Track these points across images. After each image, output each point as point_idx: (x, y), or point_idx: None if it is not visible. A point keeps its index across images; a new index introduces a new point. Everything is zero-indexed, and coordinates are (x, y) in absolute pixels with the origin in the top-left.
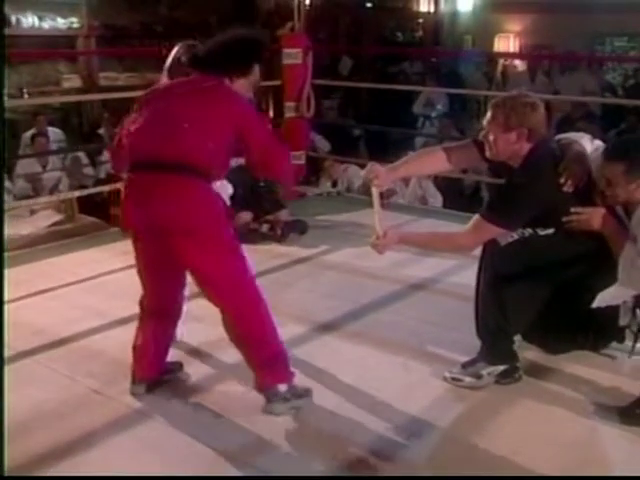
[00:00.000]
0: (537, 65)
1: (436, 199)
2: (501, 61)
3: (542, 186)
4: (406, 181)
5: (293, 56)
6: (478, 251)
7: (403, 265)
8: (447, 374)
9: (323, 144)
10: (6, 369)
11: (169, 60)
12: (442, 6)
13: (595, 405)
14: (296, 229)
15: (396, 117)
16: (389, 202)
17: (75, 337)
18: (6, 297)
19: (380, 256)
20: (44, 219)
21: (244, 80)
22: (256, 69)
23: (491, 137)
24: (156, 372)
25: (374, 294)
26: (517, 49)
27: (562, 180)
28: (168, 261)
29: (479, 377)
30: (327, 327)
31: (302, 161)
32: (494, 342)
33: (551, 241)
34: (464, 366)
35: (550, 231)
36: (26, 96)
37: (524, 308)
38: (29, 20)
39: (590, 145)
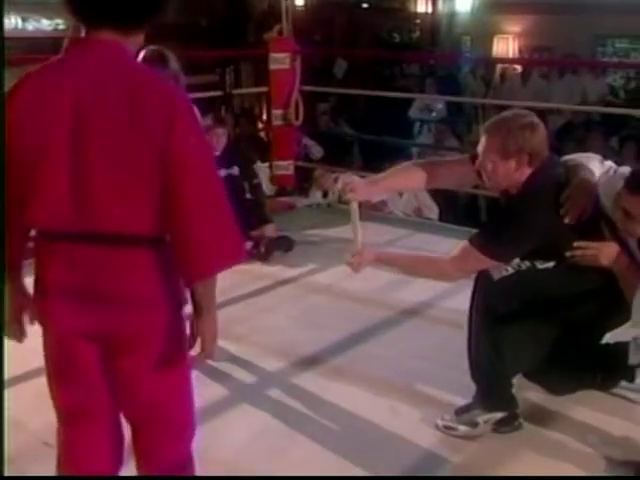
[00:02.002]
0: (532, 68)
1: (432, 210)
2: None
3: (542, 217)
4: (400, 192)
5: (280, 61)
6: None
7: (395, 287)
8: (439, 421)
9: (316, 150)
10: None
11: None
12: (440, 7)
13: (606, 459)
14: (281, 246)
15: (392, 121)
16: (381, 214)
17: None
18: None
19: (371, 277)
20: None
21: (140, 37)
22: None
23: (489, 166)
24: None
25: (362, 322)
26: (516, 51)
27: (563, 211)
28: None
29: (475, 425)
30: (309, 361)
31: (290, 171)
32: (490, 387)
33: (551, 275)
34: (458, 413)
35: (550, 264)
36: None
37: (522, 349)
38: (12, 21)
39: (600, 168)
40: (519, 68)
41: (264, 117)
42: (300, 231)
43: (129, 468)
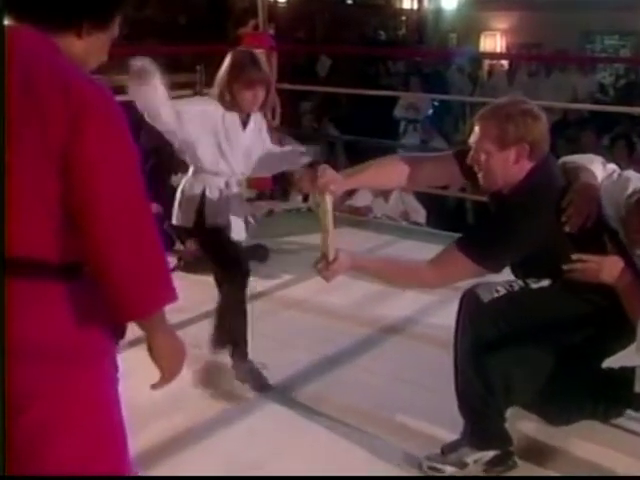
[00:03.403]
0: (518, 65)
1: (419, 214)
2: (487, 60)
3: (539, 221)
4: (386, 195)
5: None
6: (465, 284)
7: (376, 300)
8: (424, 462)
9: None
10: None
11: None
12: (426, 3)
13: None
14: (255, 256)
15: (377, 120)
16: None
17: None
18: None
19: (350, 289)
20: None
21: (103, 36)
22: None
23: (483, 158)
24: None
25: (340, 341)
26: (504, 48)
27: (564, 218)
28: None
29: (463, 466)
30: (280, 389)
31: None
32: (479, 422)
33: (547, 297)
34: (445, 451)
35: (545, 283)
36: None
37: (514, 380)
38: None
39: (602, 171)
40: (506, 65)
41: None
42: (277, 238)
43: None
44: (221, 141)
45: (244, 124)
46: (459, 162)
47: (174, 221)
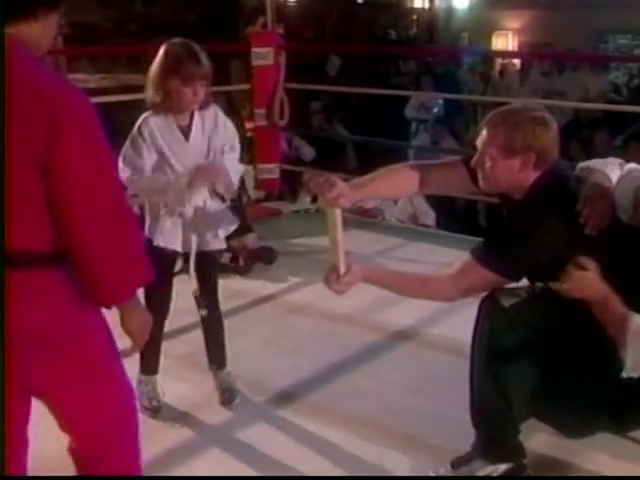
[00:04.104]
0: (531, 65)
1: (428, 216)
2: (499, 60)
3: (555, 227)
4: None
5: (263, 56)
6: None
7: (384, 306)
8: (433, 474)
9: (308, 151)
10: None
11: None
12: (437, 2)
13: None
14: (263, 258)
15: (388, 120)
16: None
17: None
18: None
19: (358, 295)
20: None
21: (55, 17)
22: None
23: (487, 164)
24: None
25: (346, 347)
26: (515, 47)
27: (583, 219)
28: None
29: None
30: (285, 397)
31: (275, 175)
32: (493, 434)
33: (567, 301)
34: (455, 465)
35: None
36: None
37: (533, 392)
38: None
39: (619, 171)
40: (518, 65)
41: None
42: (284, 240)
43: None
44: (168, 156)
45: (186, 130)
46: (468, 169)
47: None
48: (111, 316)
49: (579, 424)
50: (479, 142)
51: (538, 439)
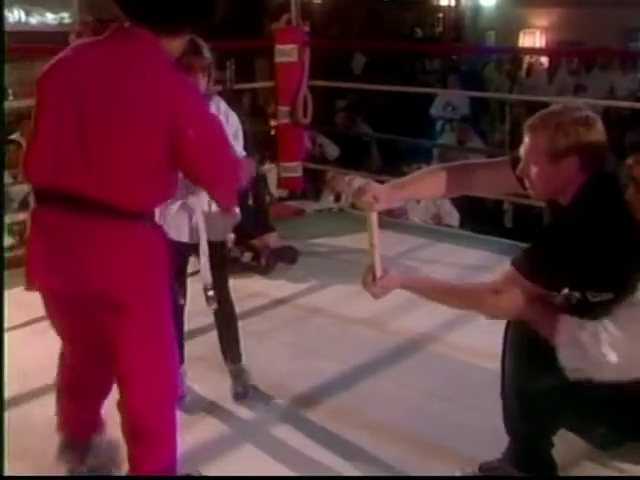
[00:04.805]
0: (559, 63)
1: (452, 217)
2: (526, 58)
3: (603, 234)
4: None
5: (287, 53)
6: None
7: (405, 309)
8: (459, 473)
9: (332, 149)
10: None
11: None
12: (464, 0)
13: None
14: (284, 258)
15: (413, 119)
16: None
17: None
18: None
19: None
20: None
21: (180, 42)
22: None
23: (533, 171)
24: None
25: (368, 351)
26: (543, 46)
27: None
28: (90, 337)
29: None
30: (305, 400)
31: (298, 173)
32: (523, 443)
33: (608, 312)
34: (484, 468)
35: (606, 297)
36: (11, 97)
37: (564, 402)
38: (15, 15)
39: None
40: (545, 63)
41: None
42: (307, 240)
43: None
44: None
45: None
46: (515, 170)
47: None
48: None
49: (610, 434)
50: (522, 150)
51: (567, 448)
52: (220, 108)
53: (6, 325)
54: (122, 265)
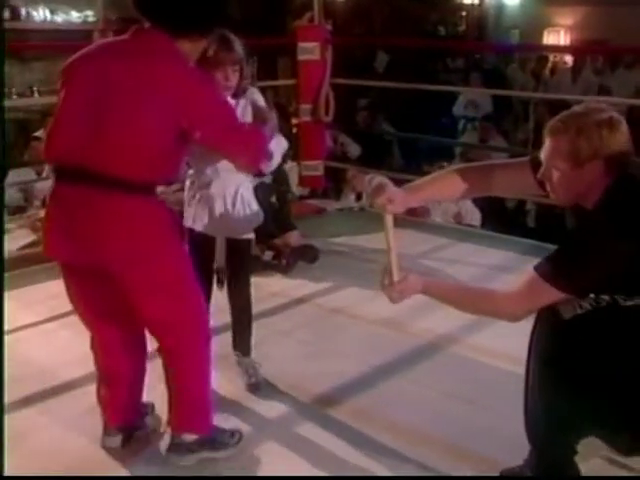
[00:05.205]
0: (583, 62)
1: (474, 217)
2: (551, 57)
3: (629, 239)
4: None
5: (309, 51)
6: None
7: (426, 310)
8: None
9: (353, 148)
10: None
11: None
12: None
13: None
14: (305, 257)
15: (435, 118)
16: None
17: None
18: None
19: None
20: (17, 240)
21: (202, 43)
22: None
23: (555, 176)
24: (131, 418)
25: (389, 352)
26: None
27: None
28: (111, 302)
29: None
30: (325, 400)
31: (319, 172)
32: (546, 451)
33: (638, 317)
34: (505, 474)
35: (638, 301)
36: (37, 95)
37: (588, 410)
38: (40, 13)
39: None
40: (570, 62)
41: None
42: (328, 238)
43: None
44: None
45: None
46: (535, 172)
47: None
48: None
49: (635, 439)
50: (543, 154)
51: (591, 453)
52: (247, 107)
53: (34, 319)
54: (128, 229)
